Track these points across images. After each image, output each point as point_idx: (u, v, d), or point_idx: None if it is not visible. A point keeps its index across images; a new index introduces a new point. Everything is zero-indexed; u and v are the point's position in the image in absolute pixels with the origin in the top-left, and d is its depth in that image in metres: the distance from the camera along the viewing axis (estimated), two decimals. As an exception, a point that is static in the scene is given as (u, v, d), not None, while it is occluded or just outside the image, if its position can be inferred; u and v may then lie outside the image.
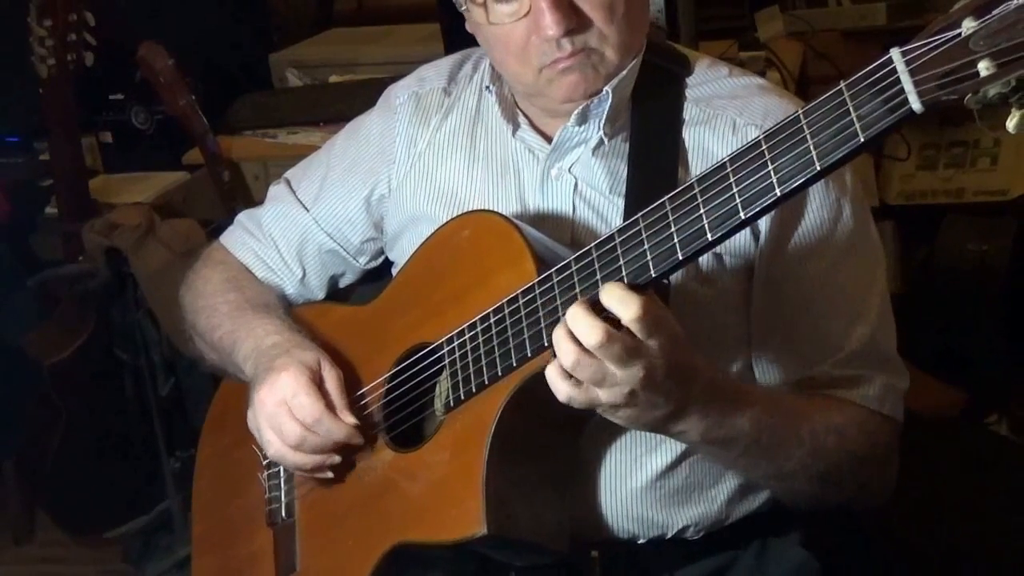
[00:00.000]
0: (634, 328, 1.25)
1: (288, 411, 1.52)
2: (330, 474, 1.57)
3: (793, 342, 1.53)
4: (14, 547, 3.32)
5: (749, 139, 1.46)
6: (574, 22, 1.43)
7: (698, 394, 1.34)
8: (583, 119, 1.51)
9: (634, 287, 1.26)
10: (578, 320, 1.25)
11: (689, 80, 1.58)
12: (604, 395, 1.28)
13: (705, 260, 1.49)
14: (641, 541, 1.57)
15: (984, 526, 2.46)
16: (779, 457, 1.44)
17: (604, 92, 1.48)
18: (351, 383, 1.57)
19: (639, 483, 1.54)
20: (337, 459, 1.55)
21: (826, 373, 1.52)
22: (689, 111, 1.55)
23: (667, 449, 1.53)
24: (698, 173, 1.24)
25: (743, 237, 1.48)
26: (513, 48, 1.47)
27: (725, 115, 1.53)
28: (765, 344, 1.54)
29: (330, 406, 1.53)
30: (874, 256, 1.57)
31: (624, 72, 1.50)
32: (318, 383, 1.54)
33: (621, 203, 1.52)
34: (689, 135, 1.54)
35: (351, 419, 1.52)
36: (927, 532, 2.34)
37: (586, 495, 1.54)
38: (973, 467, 2.59)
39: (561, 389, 1.29)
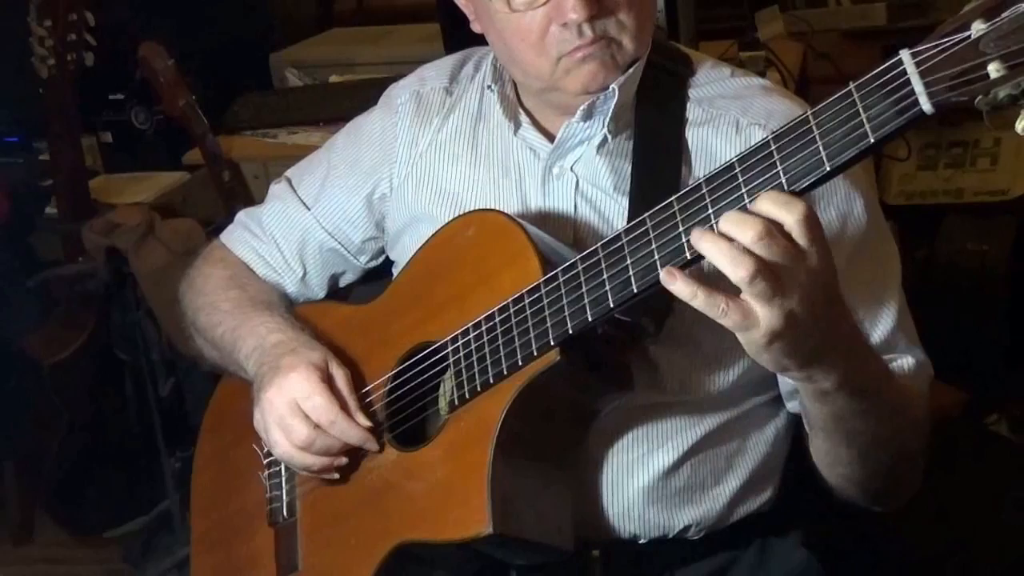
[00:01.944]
0: (798, 231, 1.17)
1: (299, 412, 1.52)
2: (336, 475, 1.57)
3: None
4: (14, 547, 3.32)
5: (753, 139, 1.47)
6: (595, 8, 1.43)
7: (847, 330, 1.29)
8: (588, 115, 1.51)
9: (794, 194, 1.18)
10: (733, 218, 1.18)
11: (692, 80, 1.58)
12: (765, 314, 1.18)
13: (710, 262, 1.48)
14: (642, 541, 1.57)
15: (984, 526, 2.46)
16: (885, 417, 1.39)
17: (611, 89, 1.49)
18: (354, 382, 1.57)
19: (642, 483, 1.54)
20: (344, 460, 1.55)
21: None
22: (692, 111, 1.55)
23: (670, 449, 1.54)
24: (706, 173, 1.24)
25: None
26: (531, 38, 1.47)
27: (728, 115, 1.53)
28: None
29: (343, 407, 1.53)
30: (889, 248, 1.57)
31: (631, 70, 1.50)
32: (328, 382, 1.54)
33: (625, 202, 1.52)
34: (692, 135, 1.54)
35: (365, 421, 1.52)
36: (927, 532, 2.34)
37: (588, 495, 1.54)
38: (973, 467, 2.59)
39: (712, 312, 1.19)
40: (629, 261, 1.29)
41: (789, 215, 1.17)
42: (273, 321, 1.67)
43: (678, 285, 1.21)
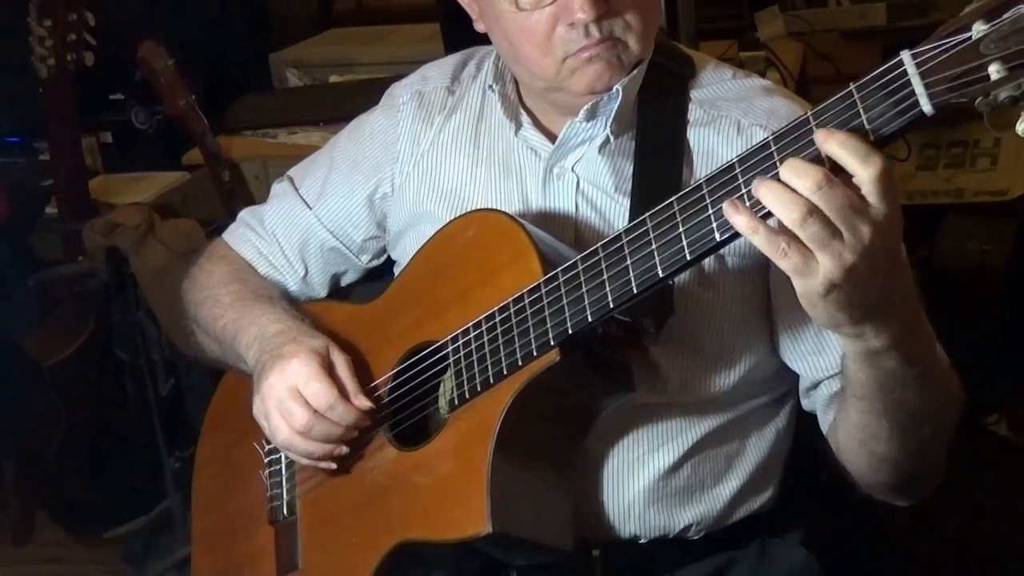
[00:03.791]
0: (869, 189, 1.14)
1: (299, 397, 1.52)
2: (334, 465, 1.57)
3: (827, 336, 1.50)
4: (14, 547, 3.32)
5: (754, 139, 1.47)
6: (603, 8, 1.43)
7: (904, 291, 1.26)
8: (591, 115, 1.51)
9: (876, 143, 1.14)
10: (793, 165, 1.15)
11: (694, 81, 1.58)
12: (824, 261, 1.15)
13: (710, 263, 1.48)
14: (643, 541, 1.57)
15: (984, 526, 2.47)
16: (930, 389, 1.36)
17: (615, 90, 1.49)
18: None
19: (642, 483, 1.54)
20: (345, 449, 1.55)
21: None
22: (694, 112, 1.55)
23: (670, 449, 1.54)
24: (707, 173, 1.24)
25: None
26: (538, 37, 1.47)
27: (730, 116, 1.54)
28: (800, 341, 1.52)
29: (342, 392, 1.53)
30: None
31: (635, 71, 1.51)
32: (328, 369, 1.54)
33: (626, 202, 1.53)
34: (694, 136, 1.54)
35: (366, 403, 1.53)
36: (927, 532, 2.34)
37: (589, 495, 1.54)
38: (973, 467, 2.60)
39: (772, 251, 1.16)
40: (629, 261, 1.29)
41: (864, 170, 1.14)
42: (274, 312, 1.67)
43: (741, 218, 1.18)
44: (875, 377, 1.32)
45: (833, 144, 1.14)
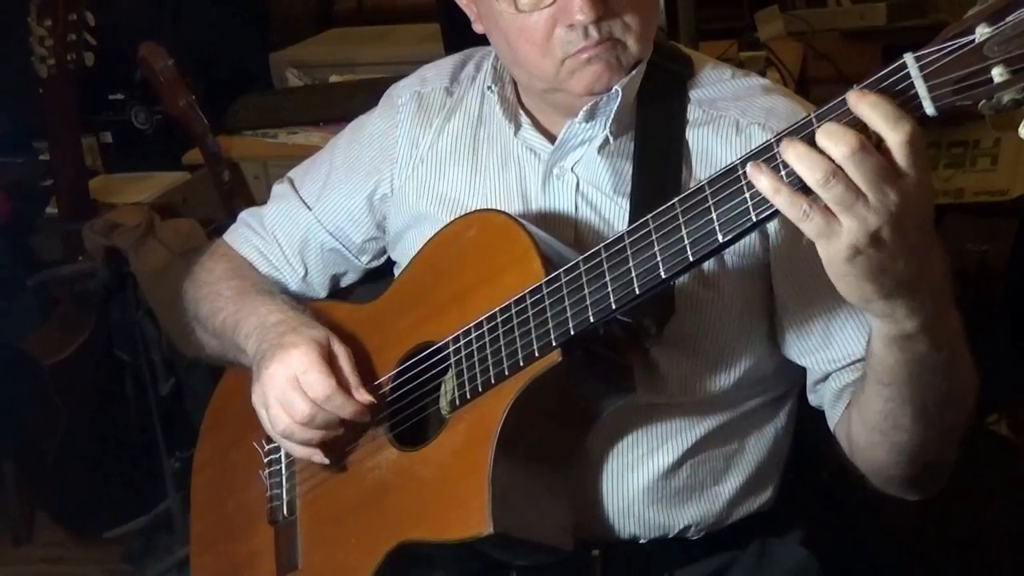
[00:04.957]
0: (899, 153, 1.12)
1: (299, 387, 1.52)
2: (327, 461, 1.57)
3: (835, 329, 1.50)
4: (14, 547, 3.32)
5: (753, 138, 1.47)
6: (602, 9, 1.43)
7: (934, 268, 1.23)
8: (591, 116, 1.51)
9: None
10: (830, 129, 1.13)
11: (693, 81, 1.58)
12: (848, 224, 1.13)
13: (711, 263, 1.48)
14: (642, 541, 1.58)
15: (984, 526, 2.46)
16: (957, 374, 1.34)
17: (614, 90, 1.49)
18: None
19: (641, 483, 1.54)
20: (341, 430, 1.55)
21: None
22: (693, 112, 1.55)
23: (670, 449, 1.54)
24: (709, 174, 1.24)
25: (752, 239, 1.48)
26: (537, 39, 1.47)
27: (728, 116, 1.53)
28: (807, 336, 1.52)
29: (342, 383, 1.52)
30: None
31: (634, 72, 1.51)
32: (329, 360, 1.54)
33: (625, 203, 1.53)
34: (693, 136, 1.54)
35: (367, 396, 1.53)
36: (926, 531, 2.34)
37: (588, 495, 1.54)
38: (973, 467, 2.59)
39: (794, 213, 1.15)
40: (632, 263, 1.29)
41: (895, 134, 1.11)
42: (274, 303, 1.67)
43: (763, 179, 1.16)
44: (905, 361, 1.30)
45: (864, 106, 1.12)
